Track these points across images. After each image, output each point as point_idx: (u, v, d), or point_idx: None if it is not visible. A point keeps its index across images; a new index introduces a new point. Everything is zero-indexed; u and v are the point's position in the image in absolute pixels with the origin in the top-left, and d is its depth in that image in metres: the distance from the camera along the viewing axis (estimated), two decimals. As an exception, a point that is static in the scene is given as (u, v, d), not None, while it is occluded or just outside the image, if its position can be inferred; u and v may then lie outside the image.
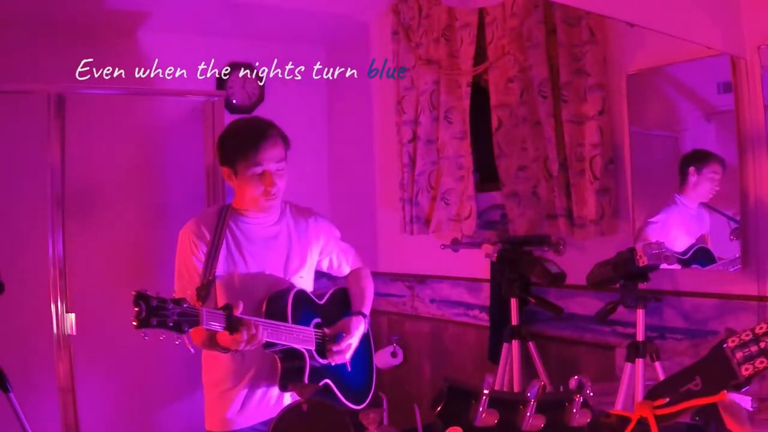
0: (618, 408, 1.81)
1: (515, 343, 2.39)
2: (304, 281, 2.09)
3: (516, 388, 2.20)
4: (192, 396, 3.17)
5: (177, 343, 1.66)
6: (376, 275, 3.55)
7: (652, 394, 1.05)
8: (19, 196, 2.96)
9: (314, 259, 2.15)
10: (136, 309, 1.58)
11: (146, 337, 1.61)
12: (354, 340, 2.05)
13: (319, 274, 2.23)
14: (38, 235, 2.88)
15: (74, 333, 2.88)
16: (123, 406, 3.10)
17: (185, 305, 1.66)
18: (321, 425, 1.62)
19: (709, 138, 2.30)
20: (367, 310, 2.16)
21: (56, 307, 2.85)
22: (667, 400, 1.02)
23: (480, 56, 2.86)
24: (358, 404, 2.09)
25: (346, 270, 2.28)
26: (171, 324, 1.62)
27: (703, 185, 2.26)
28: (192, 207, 3.08)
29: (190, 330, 1.69)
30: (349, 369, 2.11)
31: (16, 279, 2.40)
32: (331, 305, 2.13)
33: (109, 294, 2.92)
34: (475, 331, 3.08)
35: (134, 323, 1.59)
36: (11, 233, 2.93)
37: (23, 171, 2.99)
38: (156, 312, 1.60)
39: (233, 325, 1.76)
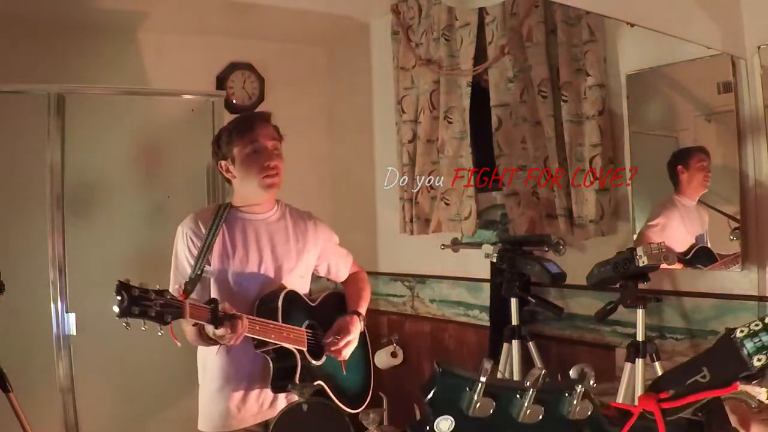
0: (618, 408, 1.81)
1: (515, 343, 2.39)
2: (300, 282, 2.08)
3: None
4: (192, 396, 3.16)
5: (160, 334, 1.64)
6: (376, 275, 3.58)
7: (655, 386, 1.00)
8: (19, 195, 2.96)
9: (311, 262, 2.14)
10: (118, 298, 1.58)
11: (128, 327, 1.61)
12: (353, 338, 2.04)
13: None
14: (38, 235, 2.88)
15: (74, 333, 2.88)
16: (123, 406, 3.09)
17: (169, 296, 1.66)
18: (321, 425, 1.62)
19: (709, 138, 2.30)
20: (363, 311, 2.15)
21: (56, 307, 2.85)
22: (672, 392, 0.97)
23: (480, 56, 2.86)
24: (354, 407, 2.07)
25: (344, 275, 2.27)
26: (153, 314, 1.61)
27: (695, 177, 2.28)
28: (192, 207, 3.07)
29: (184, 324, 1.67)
30: (345, 372, 2.09)
31: (16, 279, 2.40)
32: (325, 308, 2.11)
33: (109, 294, 2.90)
34: (475, 331, 3.08)
35: (115, 311, 1.58)
36: (11, 233, 2.92)
37: (23, 171, 2.98)
38: (137, 301, 1.60)
39: (218, 319, 1.74)
